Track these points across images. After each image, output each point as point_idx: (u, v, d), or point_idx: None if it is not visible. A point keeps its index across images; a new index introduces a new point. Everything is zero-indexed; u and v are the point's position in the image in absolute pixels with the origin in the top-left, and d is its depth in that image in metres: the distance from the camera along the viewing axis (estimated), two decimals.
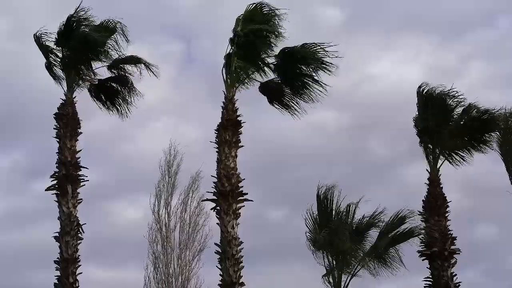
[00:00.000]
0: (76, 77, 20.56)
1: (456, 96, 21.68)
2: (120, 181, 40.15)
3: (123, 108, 21.54)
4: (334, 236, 20.08)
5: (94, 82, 21.11)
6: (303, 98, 20.57)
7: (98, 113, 21.56)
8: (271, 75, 20.64)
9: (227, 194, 18.90)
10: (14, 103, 40.50)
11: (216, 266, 18.81)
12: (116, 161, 42.16)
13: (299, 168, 41.01)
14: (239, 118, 19.59)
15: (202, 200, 19.71)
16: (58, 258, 19.22)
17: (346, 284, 20.13)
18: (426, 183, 21.53)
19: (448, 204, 21.30)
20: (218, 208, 19.03)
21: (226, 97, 19.74)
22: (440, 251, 20.75)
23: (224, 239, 18.72)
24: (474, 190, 34.45)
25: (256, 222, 34.18)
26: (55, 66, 20.73)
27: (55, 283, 19.10)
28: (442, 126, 21.60)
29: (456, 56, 47.18)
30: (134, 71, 21.03)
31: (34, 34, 20.43)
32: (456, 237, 21.12)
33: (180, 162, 33.41)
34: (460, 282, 20.73)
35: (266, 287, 39.77)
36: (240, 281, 18.57)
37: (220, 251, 18.72)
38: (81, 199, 19.72)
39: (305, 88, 20.39)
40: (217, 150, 19.44)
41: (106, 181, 38.82)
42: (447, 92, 21.64)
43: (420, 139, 21.74)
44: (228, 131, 19.39)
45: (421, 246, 20.92)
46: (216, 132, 19.58)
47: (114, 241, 37.79)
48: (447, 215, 21.23)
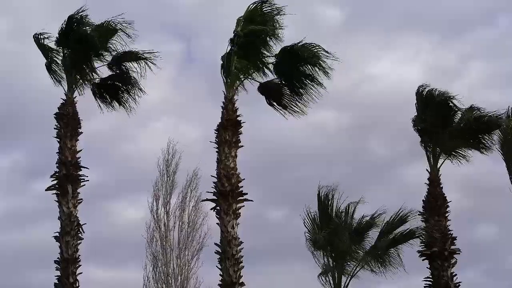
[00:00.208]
0: (77, 76, 20.55)
1: (455, 97, 21.73)
2: (120, 181, 40.13)
3: (128, 104, 21.41)
4: (334, 236, 20.07)
5: (96, 81, 21.09)
6: (302, 98, 20.58)
7: (98, 113, 21.55)
8: (270, 75, 20.68)
9: (227, 194, 18.91)
10: (14, 103, 40.50)
11: (216, 266, 18.85)
12: (116, 161, 42.13)
13: (299, 168, 41.02)
14: (239, 118, 19.61)
15: (202, 200, 19.68)
16: (58, 258, 19.21)
17: (346, 284, 20.12)
18: (426, 183, 21.56)
19: (448, 204, 21.32)
20: (218, 208, 19.04)
21: (226, 97, 19.75)
22: (440, 251, 20.76)
23: (224, 239, 18.73)
24: (474, 190, 34.51)
25: (256, 222, 34.18)
26: (55, 66, 20.73)
27: (55, 283, 19.10)
28: (441, 127, 21.60)
29: (456, 55, 47.21)
30: (135, 66, 21.00)
31: (34, 34, 20.42)
32: (456, 237, 21.16)
33: (179, 161, 33.30)
34: (460, 282, 20.76)
35: (266, 287, 39.79)
36: (240, 281, 18.58)
37: (220, 251, 18.72)
38: (81, 199, 19.73)
39: (303, 87, 20.40)
40: (217, 150, 19.44)
41: (106, 181, 38.81)
42: (447, 94, 21.64)
43: (420, 139, 21.76)
44: (228, 131, 19.39)
45: (421, 246, 20.93)
46: (216, 132, 19.59)
47: (114, 241, 37.78)
48: (447, 215, 21.25)
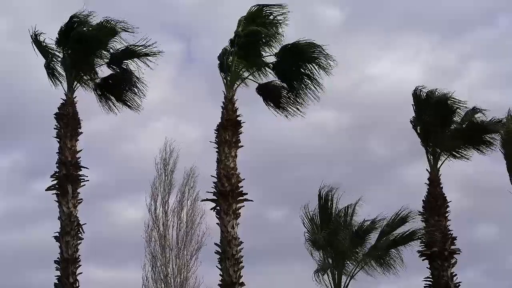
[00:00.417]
0: (77, 76, 20.53)
1: (453, 98, 21.69)
2: (120, 181, 40.17)
3: (132, 102, 21.37)
4: (334, 237, 20.05)
5: (96, 81, 21.07)
6: (301, 97, 20.55)
7: (99, 112, 21.53)
8: (270, 75, 20.66)
9: (227, 194, 18.91)
10: (14, 103, 40.53)
11: (216, 266, 18.85)
12: (116, 161, 42.16)
13: (299, 168, 41.03)
14: (239, 118, 19.60)
15: (202, 200, 19.65)
16: (58, 258, 19.19)
17: (346, 284, 20.10)
18: (426, 183, 21.56)
19: (448, 204, 21.32)
20: (218, 208, 19.04)
21: (225, 97, 19.74)
22: (440, 251, 20.77)
23: (224, 239, 18.73)
24: (474, 190, 34.53)
25: (256, 222, 34.21)
26: (54, 66, 20.71)
27: (55, 283, 19.09)
28: (440, 126, 21.59)
29: (456, 55, 47.21)
30: (134, 64, 20.98)
31: (32, 34, 20.37)
32: (456, 237, 21.17)
33: (176, 160, 33.19)
34: (460, 282, 20.77)
35: (266, 287, 39.80)
36: (240, 281, 18.58)
37: (220, 251, 18.72)
38: (81, 199, 19.71)
39: (304, 86, 20.37)
40: (217, 150, 19.44)
41: (106, 181, 38.85)
42: (445, 94, 21.62)
43: (421, 139, 21.75)
44: (228, 131, 19.39)
45: (421, 246, 20.90)
46: (216, 132, 19.59)
47: (114, 241, 37.81)
48: (447, 215, 21.26)
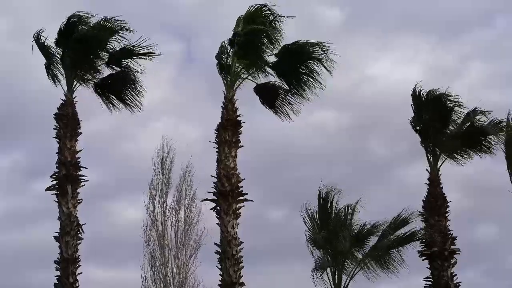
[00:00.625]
0: (76, 77, 20.53)
1: (452, 97, 21.69)
2: (120, 181, 40.10)
3: (132, 101, 21.38)
4: (334, 237, 20.05)
5: (95, 81, 21.05)
6: (301, 97, 20.53)
7: (99, 112, 21.52)
8: (271, 77, 20.65)
9: (227, 194, 18.90)
10: (14, 103, 40.48)
11: (216, 266, 18.85)
12: (116, 161, 42.10)
13: (299, 168, 41.01)
14: (239, 118, 19.60)
15: (202, 200, 19.63)
16: (58, 258, 19.20)
17: (346, 284, 20.10)
18: (426, 183, 21.54)
19: (448, 204, 21.31)
20: (218, 208, 19.03)
21: (225, 97, 19.74)
22: (440, 251, 20.75)
23: (224, 239, 18.73)
24: (474, 190, 34.49)
25: (256, 222, 34.18)
26: (54, 66, 20.71)
27: (55, 283, 19.09)
28: (439, 127, 21.59)
29: (454, 56, 47.20)
30: (134, 63, 20.97)
31: (34, 34, 20.40)
32: (456, 237, 21.15)
33: (173, 159, 33.09)
34: (460, 282, 20.76)
35: (266, 287, 39.79)
36: (240, 281, 18.58)
37: (220, 251, 18.72)
38: (81, 199, 19.71)
39: (304, 85, 20.36)
40: (217, 150, 19.44)
41: (106, 181, 38.79)
42: (443, 94, 21.62)
43: (420, 139, 21.74)
44: (228, 131, 19.39)
45: (421, 246, 20.90)
46: (216, 132, 19.58)
47: (114, 241, 37.76)
48: (447, 215, 21.25)
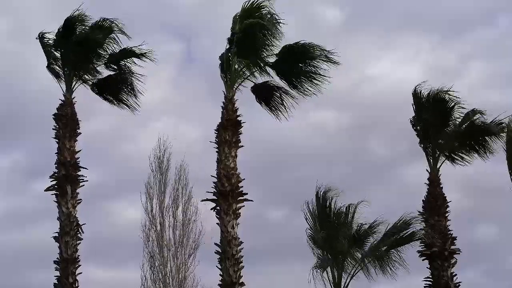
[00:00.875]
0: (75, 77, 20.52)
1: (453, 96, 21.67)
2: (120, 181, 40.05)
3: (129, 102, 21.37)
4: (333, 237, 20.04)
5: (94, 81, 21.05)
6: (302, 94, 20.50)
7: (98, 113, 21.56)
8: (271, 76, 20.61)
9: (227, 194, 18.90)
10: (14, 103, 40.50)
11: (216, 266, 18.85)
12: (116, 161, 42.09)
13: (299, 168, 40.99)
14: (239, 118, 19.58)
15: (202, 200, 19.61)
16: (58, 258, 19.22)
17: (346, 284, 20.09)
18: (426, 183, 21.50)
19: (448, 204, 21.27)
20: (218, 208, 19.03)
21: (226, 97, 19.73)
22: (440, 251, 20.72)
23: (224, 239, 18.72)
24: (474, 190, 34.48)
25: (256, 222, 34.19)
26: (55, 67, 20.72)
27: (54, 283, 19.11)
28: (439, 126, 21.57)
29: (456, 55, 47.16)
30: (133, 64, 20.95)
31: (39, 33, 20.43)
32: (456, 237, 21.11)
33: (170, 157, 33.02)
34: (460, 282, 20.72)
35: (266, 287, 39.79)
36: (240, 281, 18.58)
37: (220, 251, 18.72)
38: (80, 199, 19.72)
39: (303, 84, 20.33)
40: (217, 150, 19.43)
41: (106, 181, 38.78)
42: (444, 93, 21.60)
43: (420, 139, 21.72)
44: (228, 131, 19.37)
45: (421, 246, 20.88)
46: (216, 132, 19.57)
47: (114, 241, 37.76)
48: (447, 215, 21.20)
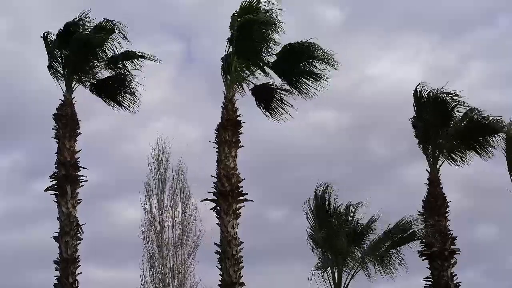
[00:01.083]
0: (74, 77, 20.53)
1: (453, 96, 21.65)
2: (120, 181, 40.04)
3: (129, 104, 21.37)
4: (332, 237, 20.03)
5: (93, 82, 21.07)
6: (302, 94, 20.49)
7: (98, 113, 21.58)
8: (271, 76, 20.59)
9: (227, 194, 18.89)
10: (14, 103, 40.52)
11: (216, 266, 18.84)
12: (116, 161, 42.09)
13: (299, 168, 40.98)
14: (239, 118, 19.57)
15: (202, 200, 19.61)
16: (58, 258, 19.23)
17: (346, 284, 20.08)
18: (426, 183, 21.52)
19: (448, 204, 21.29)
20: (218, 208, 19.02)
21: (226, 97, 19.71)
22: (440, 251, 20.74)
23: (224, 239, 18.72)
24: (474, 190, 34.48)
25: (256, 222, 34.18)
26: (56, 67, 20.73)
27: (54, 283, 19.11)
28: (440, 126, 21.57)
29: (456, 55, 47.16)
30: (133, 66, 20.96)
31: (43, 33, 20.46)
32: (456, 237, 21.13)
33: (169, 157, 33.00)
34: (460, 282, 20.74)
35: (266, 287, 39.79)
36: (240, 281, 18.57)
37: (220, 251, 18.71)
38: (80, 199, 19.72)
39: (303, 83, 20.33)
40: (217, 150, 19.42)
41: (106, 181, 38.78)
42: (444, 93, 21.61)
43: (418, 140, 21.72)
44: (228, 131, 19.37)
45: (421, 246, 20.87)
46: (216, 132, 19.56)
47: (114, 241, 37.75)
48: (447, 215, 21.23)
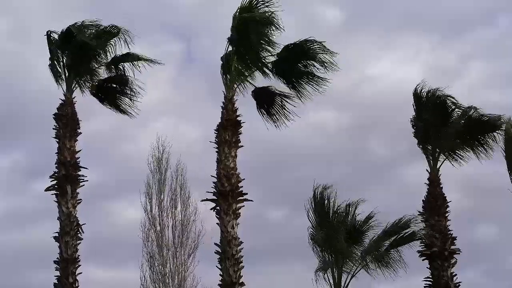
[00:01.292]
0: (75, 78, 20.54)
1: (453, 99, 21.69)
2: (120, 181, 40.15)
3: (127, 107, 21.40)
4: (332, 236, 20.06)
5: (94, 83, 21.09)
6: (302, 95, 20.48)
7: (98, 113, 21.60)
8: (270, 77, 20.59)
9: (227, 194, 18.88)
10: (14, 103, 40.60)
11: (216, 266, 18.82)
12: (116, 161, 42.19)
13: (299, 168, 41.02)
14: (238, 118, 19.56)
15: (202, 200, 19.62)
16: (58, 258, 19.22)
17: (346, 284, 20.11)
18: (426, 183, 21.51)
19: (448, 204, 21.28)
20: (218, 208, 19.01)
21: (225, 97, 19.71)
22: (440, 251, 20.73)
23: (224, 239, 18.71)
24: (474, 190, 34.51)
25: (256, 222, 34.24)
26: (57, 67, 20.73)
27: (54, 283, 19.10)
28: (440, 126, 21.57)
29: (456, 55, 47.23)
30: (133, 68, 21.00)
31: (46, 32, 20.44)
32: (456, 237, 21.12)
33: (169, 157, 33.03)
34: (460, 282, 20.73)
35: (266, 287, 39.80)
36: (240, 281, 18.56)
37: (220, 251, 18.70)
38: (80, 199, 19.72)
39: (303, 83, 20.32)
40: (217, 150, 19.41)
41: (106, 181, 38.87)
42: (444, 93, 21.63)
43: (418, 140, 21.72)
44: (228, 131, 19.36)
45: (421, 246, 20.91)
46: (216, 132, 19.55)
47: (114, 241, 37.84)
48: (447, 215, 21.21)
